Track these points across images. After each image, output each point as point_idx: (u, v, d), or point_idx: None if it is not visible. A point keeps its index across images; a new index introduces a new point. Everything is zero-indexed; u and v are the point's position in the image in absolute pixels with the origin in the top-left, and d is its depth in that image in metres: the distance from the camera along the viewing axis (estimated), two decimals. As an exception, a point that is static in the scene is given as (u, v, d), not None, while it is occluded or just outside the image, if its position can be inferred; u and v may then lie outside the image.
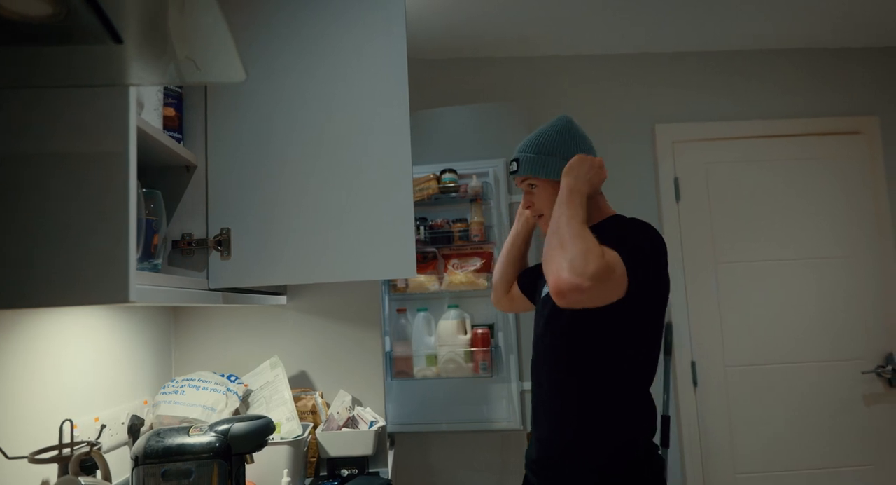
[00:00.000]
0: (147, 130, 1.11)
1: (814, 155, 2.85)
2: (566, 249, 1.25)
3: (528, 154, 1.53)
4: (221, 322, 2.01)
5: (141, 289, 0.96)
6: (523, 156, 1.54)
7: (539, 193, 1.52)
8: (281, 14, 1.44)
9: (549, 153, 1.50)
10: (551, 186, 1.49)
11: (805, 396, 2.72)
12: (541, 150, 1.51)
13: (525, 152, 1.54)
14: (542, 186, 1.51)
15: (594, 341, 1.37)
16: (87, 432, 1.38)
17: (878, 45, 2.93)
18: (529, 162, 1.52)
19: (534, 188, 1.53)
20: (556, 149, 1.51)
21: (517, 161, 1.55)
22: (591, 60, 2.87)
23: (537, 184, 1.52)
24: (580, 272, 1.20)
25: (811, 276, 2.79)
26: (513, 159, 1.57)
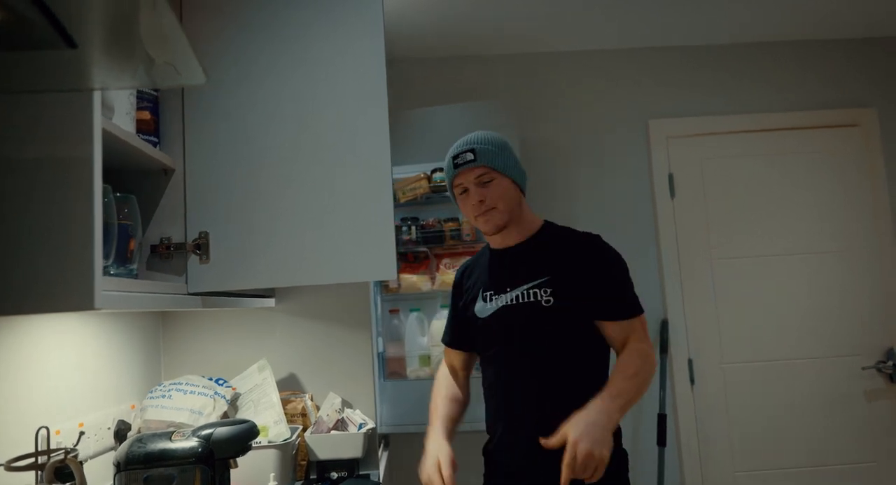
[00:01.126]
0: (117, 134, 1.10)
1: (810, 148, 2.82)
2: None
3: (486, 147, 1.46)
4: (210, 325, 2.00)
5: (108, 295, 0.95)
6: (481, 148, 1.46)
7: (496, 187, 1.45)
8: (259, 17, 1.43)
9: (505, 150, 1.48)
10: (506, 182, 1.46)
11: (804, 392, 2.69)
12: (498, 145, 1.48)
13: (481, 144, 1.47)
14: (500, 180, 1.45)
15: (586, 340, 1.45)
16: (71, 438, 1.38)
17: (875, 36, 2.89)
18: (489, 154, 1.45)
19: (488, 183, 1.45)
20: (510, 150, 1.50)
21: (472, 151, 1.45)
22: (583, 56, 2.85)
23: (494, 179, 1.45)
24: None
25: (809, 271, 2.76)
26: (464, 151, 1.46)
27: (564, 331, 1.43)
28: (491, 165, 1.44)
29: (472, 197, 1.46)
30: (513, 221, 1.48)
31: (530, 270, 1.46)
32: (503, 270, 1.52)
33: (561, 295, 1.41)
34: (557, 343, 1.43)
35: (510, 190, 1.47)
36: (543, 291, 1.43)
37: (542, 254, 1.48)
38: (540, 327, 1.43)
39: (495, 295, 1.49)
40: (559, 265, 1.45)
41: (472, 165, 1.45)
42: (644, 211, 2.77)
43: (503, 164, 1.46)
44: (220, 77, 1.41)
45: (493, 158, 1.45)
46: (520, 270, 1.48)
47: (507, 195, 1.46)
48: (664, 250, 2.75)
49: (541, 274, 1.45)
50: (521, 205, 1.51)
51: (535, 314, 1.43)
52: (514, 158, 1.50)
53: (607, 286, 1.44)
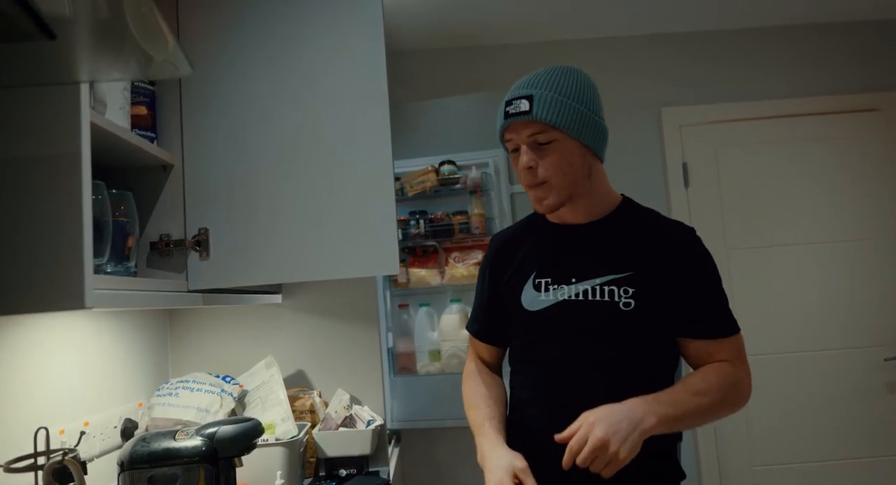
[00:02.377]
0: (111, 129, 1.08)
1: (829, 134, 2.74)
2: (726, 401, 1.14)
3: (548, 93, 1.11)
4: (217, 323, 1.99)
5: (100, 294, 0.93)
6: (542, 95, 1.10)
7: (552, 155, 1.11)
8: (257, 12, 1.40)
9: (576, 99, 1.12)
10: (570, 145, 1.12)
11: (824, 384, 2.63)
12: (567, 92, 1.11)
13: (543, 90, 1.11)
14: (561, 144, 1.11)
15: (666, 359, 1.20)
16: (76, 438, 1.37)
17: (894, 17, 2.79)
18: (553, 105, 1.10)
19: (545, 146, 1.11)
20: (586, 97, 1.14)
21: (528, 99, 1.11)
22: (592, 44, 2.79)
23: (554, 139, 1.11)
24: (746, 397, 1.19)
25: (828, 260, 2.68)
26: (519, 96, 1.12)
27: (643, 346, 1.14)
28: (551, 122, 1.09)
29: (522, 160, 1.14)
30: (576, 197, 1.17)
31: (607, 259, 1.16)
32: (567, 254, 1.20)
33: (644, 298, 1.12)
34: (631, 361, 1.14)
35: (576, 157, 1.13)
36: (623, 290, 1.13)
37: (623, 241, 1.17)
38: (611, 338, 1.13)
39: (553, 285, 1.18)
40: (645, 259, 1.14)
41: (526, 118, 1.11)
42: (658, 201, 2.71)
43: (570, 120, 1.10)
44: (218, 73, 1.39)
45: (557, 111, 1.09)
46: (591, 258, 1.17)
47: (569, 164, 1.12)
48: (678, 241, 2.69)
49: (621, 267, 1.14)
50: (590, 176, 1.17)
51: (610, 319, 1.13)
52: (591, 110, 1.14)
53: (702, 296, 1.15)
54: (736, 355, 1.17)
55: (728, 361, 1.16)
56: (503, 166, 2.41)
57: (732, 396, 1.14)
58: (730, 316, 1.18)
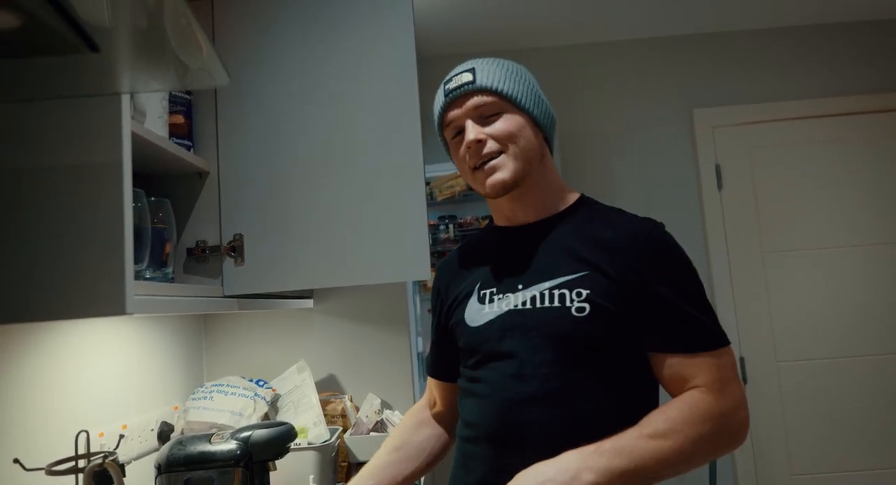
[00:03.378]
0: (150, 138, 1.10)
1: (867, 134, 2.67)
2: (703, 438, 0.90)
3: (492, 66, 1.03)
4: (250, 327, 2.01)
5: (140, 300, 0.94)
6: (484, 67, 1.03)
7: (502, 123, 1.01)
8: (287, 16, 1.42)
9: (520, 76, 1.05)
10: (520, 118, 1.02)
11: (865, 390, 2.55)
12: (509, 68, 1.04)
13: (484, 64, 1.04)
14: (512, 115, 1.01)
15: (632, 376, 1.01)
16: (114, 441, 1.40)
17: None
18: (497, 75, 1.01)
19: (493, 118, 1.01)
20: (529, 78, 1.07)
21: (472, 71, 1.02)
22: (623, 46, 2.76)
23: (502, 111, 1.01)
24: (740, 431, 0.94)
25: (867, 263, 2.61)
26: (460, 71, 1.04)
27: (603, 360, 0.96)
28: (498, 90, 1.00)
29: (469, 135, 1.00)
30: (529, 179, 1.03)
31: (558, 260, 1.00)
32: (514, 259, 1.05)
33: (601, 302, 0.95)
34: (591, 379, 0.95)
35: (528, 129, 1.02)
36: (576, 293, 0.96)
37: (577, 239, 1.01)
38: (567, 348, 0.95)
39: (498, 294, 1.03)
40: (602, 258, 0.97)
41: (471, 88, 1.01)
42: (690, 204, 2.67)
43: (518, 91, 1.02)
44: (250, 79, 1.41)
45: (501, 80, 1.01)
46: (541, 260, 1.01)
47: (521, 135, 1.01)
48: (712, 244, 2.64)
49: (574, 268, 0.98)
50: (543, 161, 1.05)
51: (559, 327, 0.96)
52: (535, 89, 1.05)
53: (672, 300, 0.95)
54: (717, 377, 0.93)
55: (703, 387, 0.92)
56: (532, 170, 2.40)
57: (711, 434, 0.90)
58: (709, 326, 0.96)
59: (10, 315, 0.89)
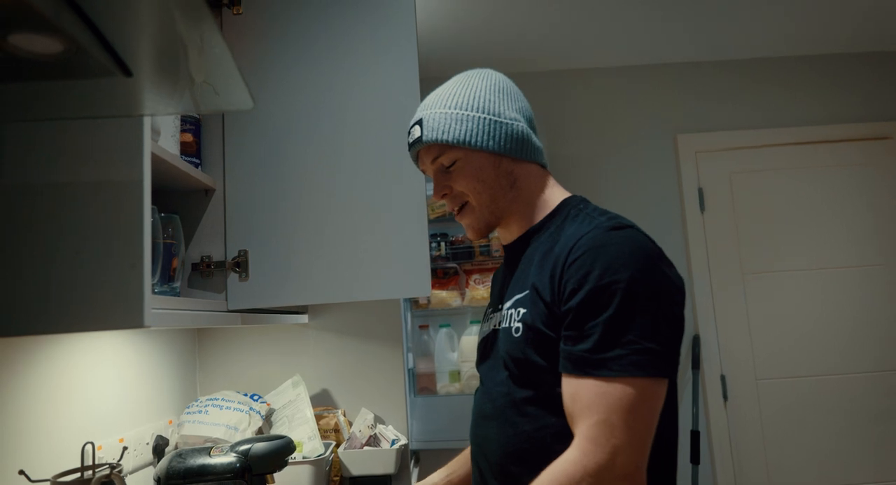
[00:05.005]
0: (164, 156, 1.13)
1: (841, 161, 2.78)
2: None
3: (435, 110, 1.01)
4: (244, 342, 2.03)
5: (156, 313, 0.97)
6: (429, 115, 1.01)
7: (460, 172, 1.00)
8: (290, 33, 1.46)
9: (468, 106, 1.00)
10: (476, 159, 1.00)
11: (842, 409, 2.64)
12: (456, 102, 1.01)
13: (431, 110, 1.02)
14: (466, 159, 1.00)
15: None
16: (112, 454, 1.41)
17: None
18: (439, 122, 1.00)
19: (450, 169, 1.01)
20: (482, 100, 1.01)
21: (420, 124, 1.02)
22: (610, 72, 2.86)
23: (456, 158, 1.00)
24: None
25: (843, 285, 2.71)
26: (413, 124, 1.05)
27: (538, 380, 0.91)
28: (443, 141, 0.98)
29: (438, 187, 1.03)
30: (503, 212, 1.03)
31: (520, 277, 1.00)
32: (505, 277, 1.07)
33: (530, 321, 0.91)
34: (532, 396, 0.91)
35: (487, 170, 0.99)
36: (516, 312, 0.95)
37: (536, 252, 0.98)
38: (510, 367, 0.95)
39: (492, 313, 1.07)
40: (537, 274, 0.94)
41: (422, 144, 1.02)
42: (674, 226, 2.75)
43: (464, 132, 0.98)
44: (255, 98, 1.45)
45: (446, 127, 0.99)
46: (513, 277, 1.02)
47: (481, 182, 0.99)
48: (694, 265, 2.72)
49: (523, 285, 0.97)
50: (515, 185, 1.02)
51: (505, 347, 0.96)
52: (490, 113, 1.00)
53: (573, 312, 0.86)
54: (598, 419, 0.79)
55: (577, 436, 0.82)
56: (523, 190, 2.46)
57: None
58: (611, 345, 0.81)
59: (30, 327, 0.91)
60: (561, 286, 0.88)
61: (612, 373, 0.80)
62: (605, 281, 0.83)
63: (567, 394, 0.85)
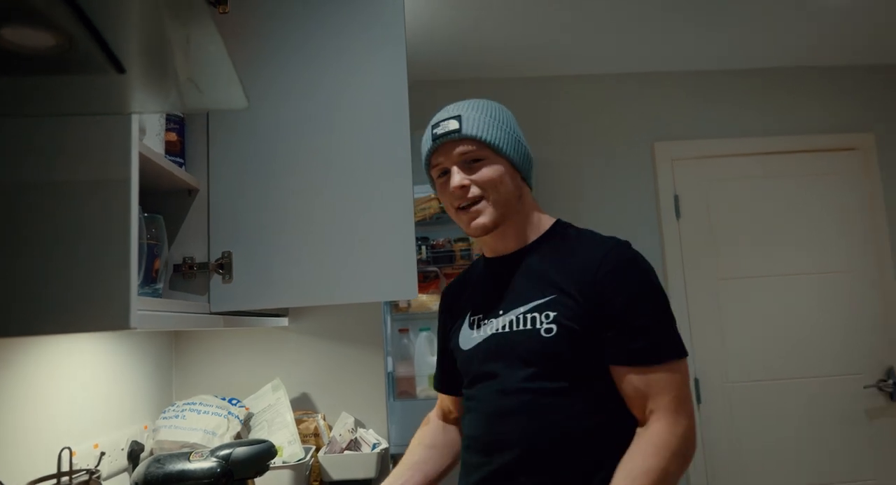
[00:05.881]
0: (149, 155, 1.11)
1: (811, 171, 2.86)
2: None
3: (476, 114, 1.11)
4: (223, 345, 2.00)
5: (142, 315, 0.95)
6: (469, 115, 1.10)
7: (487, 170, 1.09)
8: (278, 36, 1.45)
9: (501, 122, 1.12)
10: (501, 164, 1.10)
11: (808, 411, 2.71)
12: (492, 115, 1.12)
13: (470, 111, 1.11)
14: (493, 160, 1.10)
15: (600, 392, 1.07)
16: (87, 459, 1.37)
17: (874, 63, 2.95)
18: (481, 124, 1.09)
19: (476, 164, 1.10)
20: (509, 122, 1.14)
21: (458, 119, 1.10)
22: (590, 80, 2.90)
23: (485, 158, 1.09)
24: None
25: (812, 291, 2.78)
26: (446, 117, 1.11)
27: (571, 375, 1.04)
28: (482, 139, 1.08)
29: (453, 180, 1.09)
30: (508, 219, 1.12)
31: (531, 285, 1.10)
32: (497, 287, 1.15)
33: (565, 322, 1.03)
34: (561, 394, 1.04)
35: (507, 176, 1.10)
36: (545, 315, 1.05)
37: (547, 264, 1.10)
38: (539, 367, 1.05)
39: (484, 320, 1.13)
40: (566, 280, 1.06)
41: (457, 136, 1.09)
42: (650, 231, 2.80)
43: (499, 139, 1.10)
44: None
45: (485, 129, 1.09)
46: (517, 286, 1.12)
47: (501, 183, 1.09)
48: (670, 270, 2.77)
49: (543, 292, 1.07)
50: (521, 198, 1.14)
51: (532, 348, 1.05)
52: (515, 134, 1.13)
53: (625, 316, 1.02)
54: (673, 398, 1.00)
55: (659, 412, 1.00)
56: (503, 195, 2.47)
57: (677, 466, 0.98)
58: (663, 340, 1.02)
59: (14, 328, 0.89)
60: (598, 293, 1.03)
61: (672, 358, 1.01)
62: (644, 288, 1.05)
63: (636, 381, 1.01)
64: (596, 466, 1.02)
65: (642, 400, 1.02)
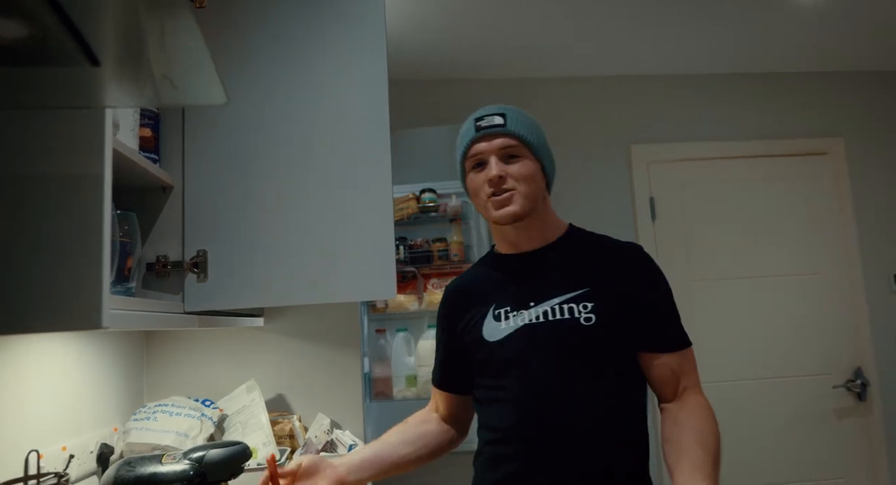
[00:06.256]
0: (123, 151, 1.09)
1: (783, 175, 2.92)
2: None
3: (520, 116, 1.21)
4: (196, 345, 1.96)
5: (114, 314, 0.93)
6: (514, 115, 1.21)
7: (523, 166, 1.18)
8: (256, 30, 1.43)
9: (538, 129, 1.24)
10: (535, 165, 1.20)
11: (778, 410, 2.76)
12: (531, 121, 1.23)
13: (514, 112, 1.22)
14: (529, 160, 1.19)
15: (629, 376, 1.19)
16: (55, 463, 1.33)
17: (844, 70, 3.02)
18: (524, 124, 1.20)
19: (514, 159, 1.19)
20: (543, 134, 1.25)
21: (503, 115, 1.20)
22: (568, 82, 2.92)
23: (523, 155, 1.19)
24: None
25: (782, 293, 2.84)
26: (492, 113, 1.21)
27: (609, 360, 1.15)
28: (523, 137, 1.19)
29: (491, 170, 1.17)
30: (533, 214, 1.20)
31: (562, 279, 1.18)
32: (522, 281, 1.22)
33: (604, 312, 1.14)
34: (602, 375, 1.14)
35: (537, 176, 1.20)
36: (582, 306, 1.14)
37: (576, 260, 1.21)
38: (580, 353, 1.14)
39: (513, 312, 1.19)
40: (599, 275, 1.17)
41: (501, 130, 1.18)
42: (626, 233, 2.82)
43: (537, 142, 1.21)
44: (219, 95, 1.41)
45: (527, 130, 1.20)
46: (547, 280, 1.19)
47: (533, 180, 1.18)
48: (645, 272, 2.80)
49: (577, 285, 1.17)
50: (545, 200, 1.25)
51: (573, 335, 1.13)
52: (547, 144, 1.25)
53: (658, 309, 1.18)
54: (696, 374, 1.19)
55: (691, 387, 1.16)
56: (481, 196, 2.46)
57: (716, 425, 1.15)
58: (683, 329, 1.20)
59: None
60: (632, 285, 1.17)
61: (690, 344, 1.19)
62: (666, 285, 1.22)
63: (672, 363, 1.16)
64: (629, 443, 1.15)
65: (676, 380, 1.16)
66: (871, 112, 3.01)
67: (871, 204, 2.93)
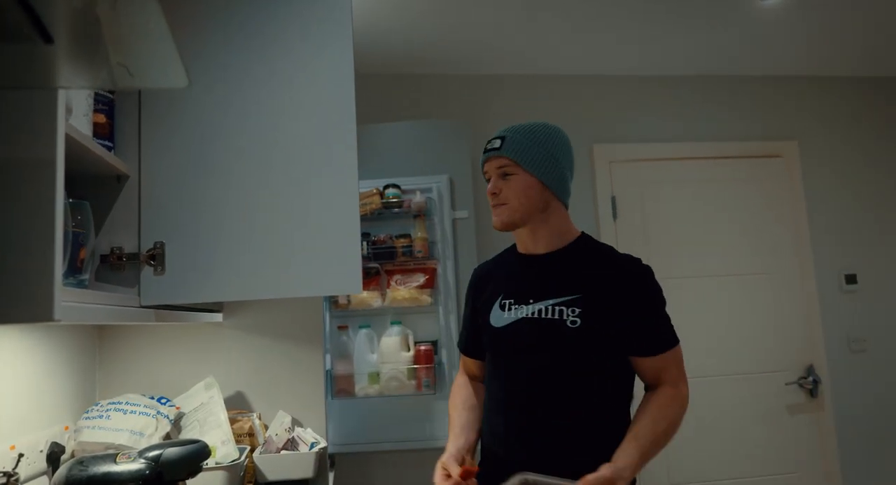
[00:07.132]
0: (76, 136, 1.04)
1: (739, 176, 3.00)
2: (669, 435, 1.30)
3: (518, 136, 1.37)
4: (151, 341, 1.90)
5: (67, 306, 0.89)
6: (512, 136, 1.37)
7: (513, 184, 1.35)
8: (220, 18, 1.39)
9: (542, 145, 1.36)
10: (528, 180, 1.35)
11: (733, 407, 2.83)
12: (535, 139, 1.37)
13: (513, 134, 1.38)
14: (521, 177, 1.35)
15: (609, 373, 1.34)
16: (3, 462, 1.27)
17: (800, 74, 3.12)
18: (518, 145, 1.35)
19: (507, 177, 1.36)
20: (552, 147, 1.37)
21: (502, 139, 1.38)
22: (531, 80, 2.93)
23: (516, 173, 1.35)
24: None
25: (737, 291, 2.91)
26: (495, 136, 1.40)
27: (587, 359, 1.30)
28: (514, 158, 1.34)
29: (493, 186, 1.38)
30: (531, 222, 1.37)
31: (559, 284, 1.35)
32: (528, 279, 1.40)
33: (590, 318, 1.29)
34: (576, 372, 1.31)
35: (531, 189, 1.34)
36: (571, 310, 1.30)
37: (574, 269, 1.36)
38: (558, 351, 1.31)
39: (515, 305, 1.38)
40: (592, 284, 1.32)
41: (496, 153, 1.37)
42: (589, 231, 2.82)
43: (530, 159, 1.34)
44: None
45: (520, 151, 1.34)
46: (547, 283, 1.36)
47: (525, 194, 1.34)
48: (606, 270, 2.83)
49: (570, 290, 1.33)
50: (547, 209, 1.38)
51: (556, 335, 1.31)
52: (553, 157, 1.36)
53: (642, 319, 1.32)
54: (677, 370, 1.35)
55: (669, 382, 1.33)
56: (446, 192, 2.46)
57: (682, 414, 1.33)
58: (669, 331, 1.36)
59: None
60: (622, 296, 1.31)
61: (674, 345, 1.35)
62: (658, 296, 1.37)
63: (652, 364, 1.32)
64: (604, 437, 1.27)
65: (656, 375, 1.33)
66: (825, 116, 3.12)
67: (823, 206, 3.03)
